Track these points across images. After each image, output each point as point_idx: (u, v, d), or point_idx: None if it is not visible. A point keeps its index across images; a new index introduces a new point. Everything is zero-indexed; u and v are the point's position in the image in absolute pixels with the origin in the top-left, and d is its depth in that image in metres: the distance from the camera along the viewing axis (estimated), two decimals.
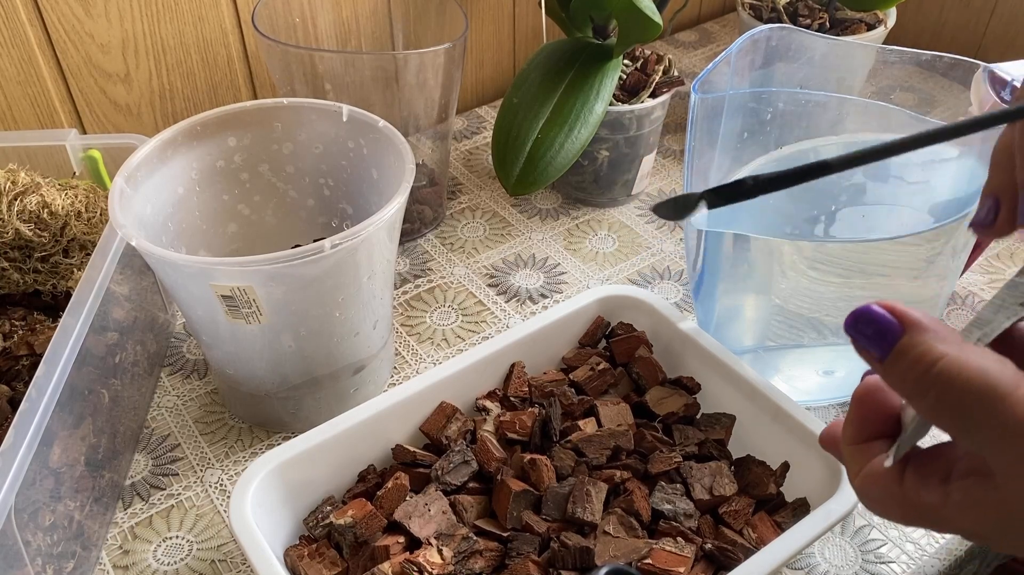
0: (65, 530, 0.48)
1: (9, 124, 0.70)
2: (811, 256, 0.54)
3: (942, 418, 0.26)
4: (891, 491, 0.29)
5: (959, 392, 0.25)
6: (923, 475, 0.29)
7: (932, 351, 0.26)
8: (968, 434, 0.26)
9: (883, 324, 0.27)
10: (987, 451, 0.26)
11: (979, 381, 0.25)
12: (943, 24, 1.02)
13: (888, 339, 0.27)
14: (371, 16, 0.79)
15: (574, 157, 0.70)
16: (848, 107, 0.55)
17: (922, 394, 0.26)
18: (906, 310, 0.27)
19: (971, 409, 0.25)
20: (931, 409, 0.26)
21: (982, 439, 0.26)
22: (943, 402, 0.26)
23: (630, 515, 0.47)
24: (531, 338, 0.56)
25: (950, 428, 0.26)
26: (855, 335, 0.28)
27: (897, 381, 0.27)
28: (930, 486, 0.28)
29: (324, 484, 0.51)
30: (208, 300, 0.50)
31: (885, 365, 0.27)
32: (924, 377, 0.26)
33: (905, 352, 0.26)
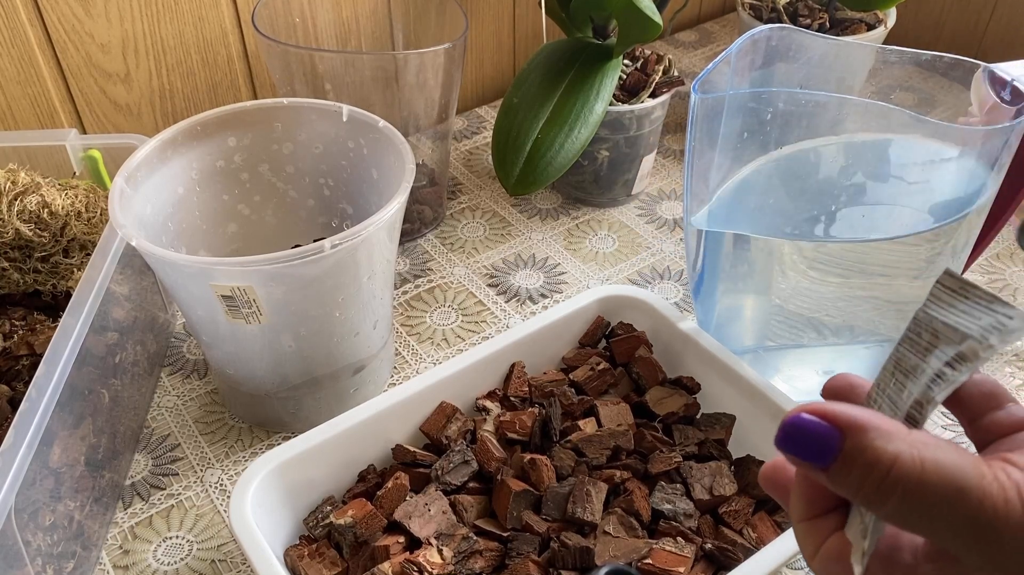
0: (65, 530, 0.48)
1: (9, 124, 0.70)
2: (811, 256, 0.54)
3: (905, 522, 0.24)
4: None
5: (920, 494, 0.23)
6: (888, 560, 0.27)
7: (883, 455, 0.24)
8: (936, 534, 0.24)
9: (818, 434, 0.24)
10: (957, 548, 0.24)
11: (940, 479, 0.23)
12: (943, 24, 1.02)
13: (829, 449, 0.24)
14: (371, 16, 0.79)
15: (574, 157, 0.70)
16: (848, 107, 0.55)
17: (882, 502, 0.24)
18: (837, 411, 0.24)
19: (936, 509, 0.23)
20: (894, 514, 0.24)
21: (951, 537, 0.24)
22: (905, 506, 0.24)
23: (630, 515, 0.47)
24: (531, 338, 0.56)
25: (916, 529, 0.24)
26: (789, 450, 0.25)
27: (850, 491, 0.24)
28: (895, 571, 0.27)
29: (324, 484, 0.51)
30: (208, 300, 0.50)
31: (831, 475, 0.24)
32: (881, 485, 0.24)
33: (853, 460, 0.24)
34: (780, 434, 0.25)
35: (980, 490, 0.23)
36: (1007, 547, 0.23)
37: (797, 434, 0.25)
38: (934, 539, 0.25)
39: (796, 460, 0.25)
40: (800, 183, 0.60)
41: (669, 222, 0.79)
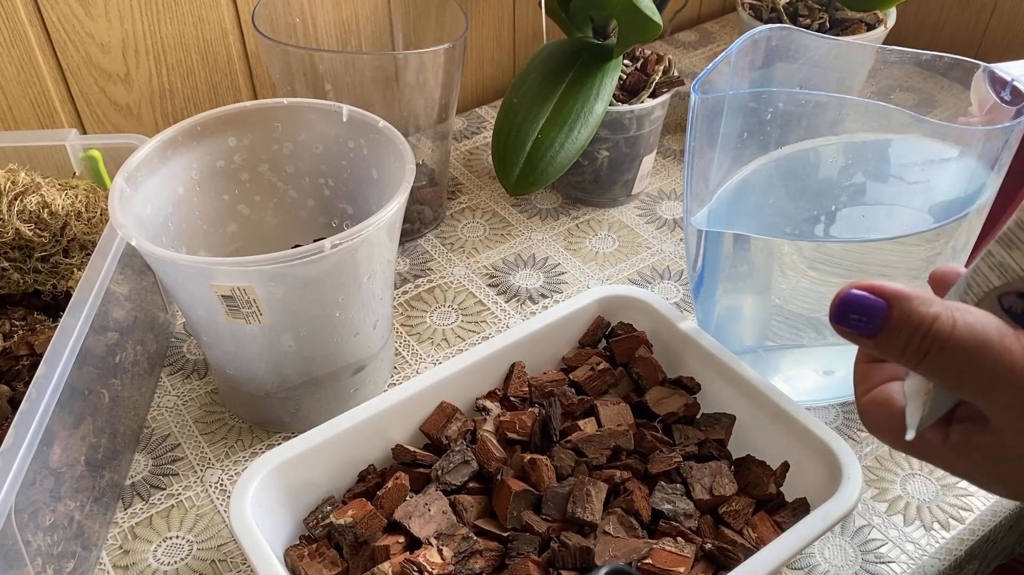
0: (65, 530, 0.48)
1: (9, 124, 0.70)
2: (811, 256, 0.54)
3: (940, 376, 0.28)
4: (892, 422, 0.31)
5: (951, 349, 0.27)
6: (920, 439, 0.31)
7: (924, 317, 0.27)
8: (962, 387, 0.28)
9: (868, 305, 0.28)
10: (980, 400, 0.28)
11: (969, 336, 0.27)
12: (943, 24, 1.02)
13: (877, 318, 0.28)
14: (371, 16, 0.79)
15: (574, 157, 0.70)
16: (848, 107, 0.55)
17: (920, 358, 0.27)
18: (884, 285, 0.28)
19: (963, 363, 0.27)
20: (930, 369, 0.28)
21: (975, 389, 0.28)
22: (939, 361, 0.27)
23: (630, 515, 0.47)
24: (531, 338, 0.56)
25: (947, 383, 0.28)
26: (843, 323, 0.28)
27: (895, 353, 0.28)
28: (935, 428, 0.30)
29: (324, 484, 0.51)
30: (208, 300, 0.50)
31: (879, 341, 0.28)
32: (922, 344, 0.27)
33: (898, 326, 0.28)
34: (834, 310, 0.28)
35: (1001, 346, 0.27)
36: (1019, 393, 0.27)
37: (849, 307, 0.28)
38: (962, 393, 0.28)
39: (848, 333, 0.28)
40: (800, 183, 0.60)
41: (669, 222, 0.79)
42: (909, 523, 0.55)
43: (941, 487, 0.57)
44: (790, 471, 0.51)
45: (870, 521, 0.55)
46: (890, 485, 0.57)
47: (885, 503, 0.56)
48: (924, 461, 0.33)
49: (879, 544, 0.53)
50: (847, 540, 0.54)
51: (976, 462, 0.30)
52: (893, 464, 0.58)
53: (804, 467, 0.50)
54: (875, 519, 0.55)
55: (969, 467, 0.30)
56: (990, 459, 0.29)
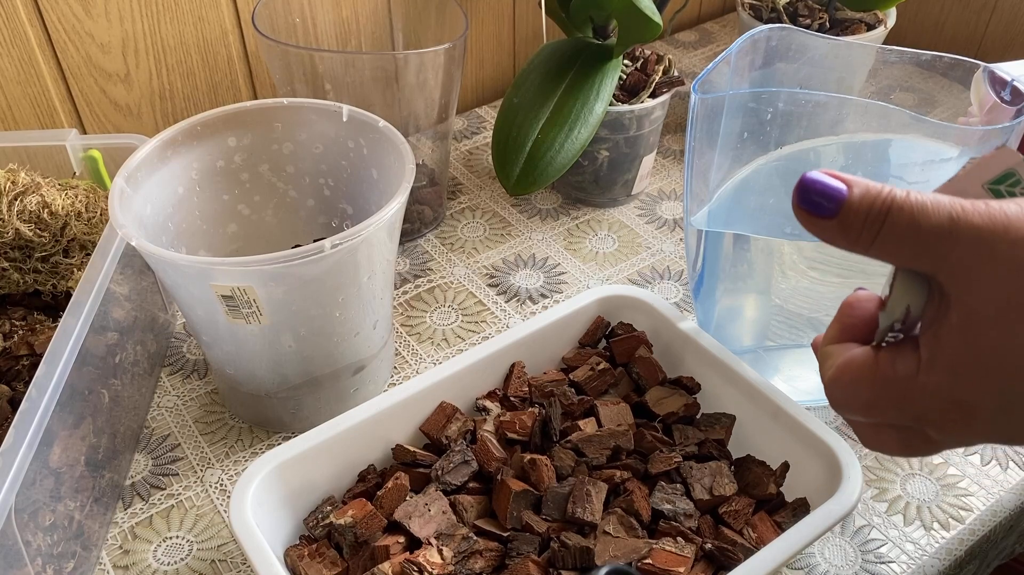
0: (65, 530, 0.48)
1: (9, 124, 0.70)
2: (811, 256, 0.54)
3: (896, 242, 0.28)
4: (864, 372, 0.31)
5: (908, 208, 0.27)
6: (897, 349, 0.30)
7: (880, 194, 0.28)
8: (918, 250, 0.28)
9: (828, 187, 0.29)
10: (936, 264, 0.28)
11: (922, 196, 0.28)
12: (943, 24, 1.02)
13: (837, 198, 0.29)
14: (371, 16, 0.79)
15: (574, 157, 0.70)
16: (848, 107, 0.55)
17: (878, 227, 0.28)
18: (841, 173, 0.29)
19: (919, 219, 0.27)
20: (887, 236, 0.28)
21: (931, 250, 0.28)
22: (896, 223, 0.28)
23: (630, 515, 0.47)
24: (531, 338, 0.56)
25: (903, 252, 0.28)
26: (805, 205, 0.29)
27: (855, 229, 0.29)
28: (904, 354, 0.30)
29: (324, 484, 0.51)
30: (208, 300, 0.50)
31: (840, 220, 0.29)
32: (880, 209, 0.28)
33: (857, 203, 0.28)
34: (796, 193, 0.29)
35: (952, 201, 0.27)
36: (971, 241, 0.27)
37: (811, 190, 0.29)
38: (916, 258, 0.28)
39: (808, 215, 0.29)
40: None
41: (669, 222, 0.79)
42: (909, 523, 0.55)
43: (941, 487, 0.57)
44: (790, 471, 0.51)
45: (870, 521, 0.55)
46: (890, 485, 0.57)
47: (885, 503, 0.56)
48: (897, 413, 0.30)
49: (879, 544, 0.53)
50: (847, 540, 0.54)
51: (952, 360, 0.28)
52: (893, 464, 0.58)
53: (804, 467, 0.50)
54: (875, 519, 0.55)
55: (947, 377, 0.28)
56: (963, 345, 0.28)
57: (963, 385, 0.28)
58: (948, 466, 0.58)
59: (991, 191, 0.29)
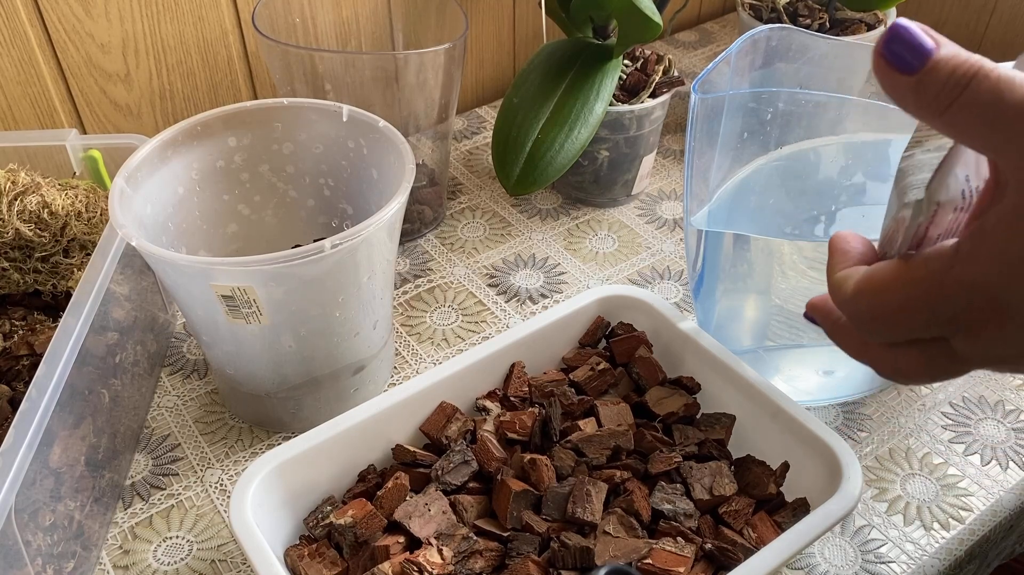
0: (65, 530, 0.48)
1: (9, 124, 0.70)
2: (811, 256, 0.54)
3: (976, 111, 0.26)
4: (892, 276, 0.29)
5: (996, 77, 0.25)
6: (927, 251, 0.29)
7: (968, 60, 0.26)
8: (997, 124, 0.26)
9: (918, 40, 0.27)
10: (1007, 150, 0.26)
11: (1016, 79, 0.25)
12: (943, 24, 1.02)
13: (924, 52, 0.27)
14: (371, 16, 0.79)
15: (574, 157, 0.70)
16: (848, 107, 0.55)
17: (953, 99, 0.26)
18: (936, 34, 0.27)
19: (1004, 89, 0.25)
20: (968, 101, 0.26)
21: (1005, 136, 0.26)
22: (981, 89, 0.26)
23: (630, 515, 0.47)
24: (531, 338, 0.56)
25: (981, 132, 0.26)
26: (888, 55, 0.27)
27: (930, 95, 0.27)
28: (937, 254, 0.28)
29: (324, 484, 0.51)
30: (208, 300, 0.50)
31: (919, 78, 0.27)
32: (965, 73, 0.26)
33: (943, 63, 0.26)
34: (881, 41, 0.27)
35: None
36: None
37: (898, 38, 0.27)
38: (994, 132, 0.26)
39: (887, 67, 0.27)
40: (800, 183, 0.60)
41: (669, 222, 0.79)
42: (909, 523, 0.55)
43: (941, 487, 0.57)
44: (790, 471, 0.51)
45: (870, 521, 0.55)
46: (890, 485, 0.57)
47: (885, 503, 0.56)
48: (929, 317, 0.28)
49: (879, 544, 0.53)
50: (847, 540, 0.54)
51: (999, 250, 0.26)
52: (893, 464, 0.58)
53: (804, 467, 0.50)
54: (875, 519, 0.55)
55: (989, 266, 0.27)
56: (1015, 233, 0.26)
57: (1005, 281, 0.27)
58: (948, 466, 0.58)
59: None
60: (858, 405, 0.62)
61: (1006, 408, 0.62)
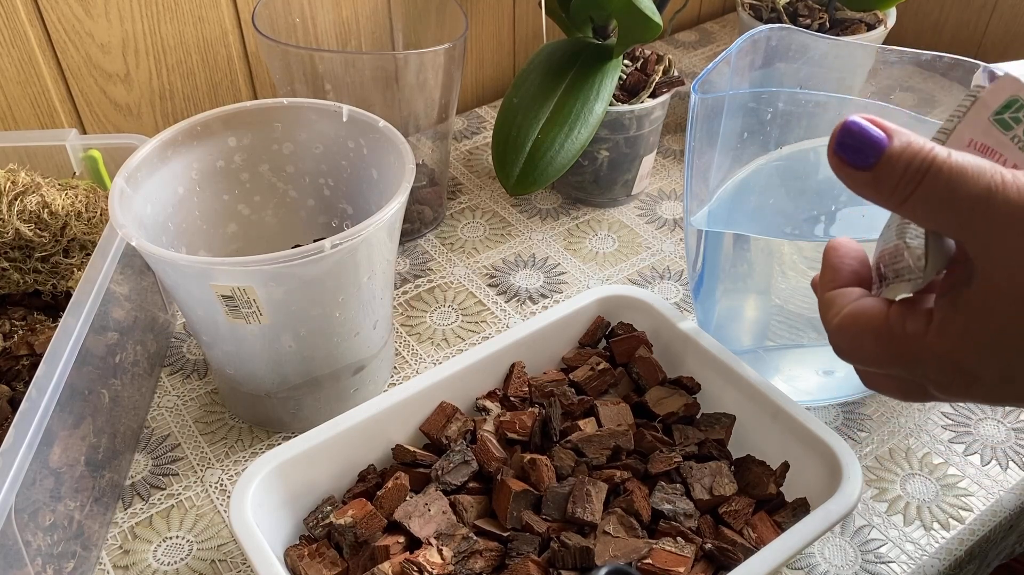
0: (65, 530, 0.48)
1: (9, 124, 0.70)
2: (811, 256, 0.54)
3: (931, 202, 0.27)
4: (872, 325, 0.30)
5: (948, 170, 0.26)
6: (910, 306, 0.30)
7: (921, 151, 0.27)
8: (952, 213, 0.27)
9: (868, 136, 0.28)
10: (967, 239, 0.27)
11: (963, 159, 0.26)
12: (943, 24, 1.02)
13: (876, 148, 0.27)
14: (371, 16, 0.79)
15: (574, 157, 0.70)
16: (848, 107, 0.55)
17: (915, 186, 0.27)
18: (884, 121, 0.28)
19: (957, 183, 0.26)
20: (923, 196, 0.27)
21: (964, 216, 0.27)
22: (934, 184, 0.27)
23: (630, 515, 0.47)
24: (531, 338, 0.56)
25: (938, 214, 0.27)
26: (841, 151, 0.28)
27: (887, 189, 0.27)
28: (915, 313, 0.29)
29: (324, 484, 0.51)
30: (208, 300, 0.50)
31: (874, 173, 0.27)
32: (920, 167, 0.27)
33: (896, 156, 0.27)
34: (835, 138, 0.28)
35: (993, 169, 0.26)
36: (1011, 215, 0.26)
37: (850, 135, 0.28)
38: (950, 220, 0.27)
39: (842, 163, 0.28)
40: (800, 183, 0.60)
41: (669, 222, 0.79)
42: (909, 523, 0.55)
43: (941, 487, 0.57)
44: (790, 471, 0.51)
45: (870, 521, 0.55)
46: (890, 485, 0.57)
47: (885, 503, 0.56)
48: (902, 370, 0.30)
49: (879, 544, 0.53)
50: (847, 540, 0.54)
51: (965, 329, 0.28)
52: (893, 464, 0.58)
53: (804, 467, 0.50)
54: (875, 519, 0.55)
55: (956, 343, 0.28)
56: (980, 317, 0.27)
57: (971, 355, 0.28)
58: (948, 466, 0.58)
59: (997, 123, 0.29)
60: (858, 405, 0.62)
61: (1006, 408, 0.62)
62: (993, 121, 0.29)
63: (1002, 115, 0.29)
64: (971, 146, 0.29)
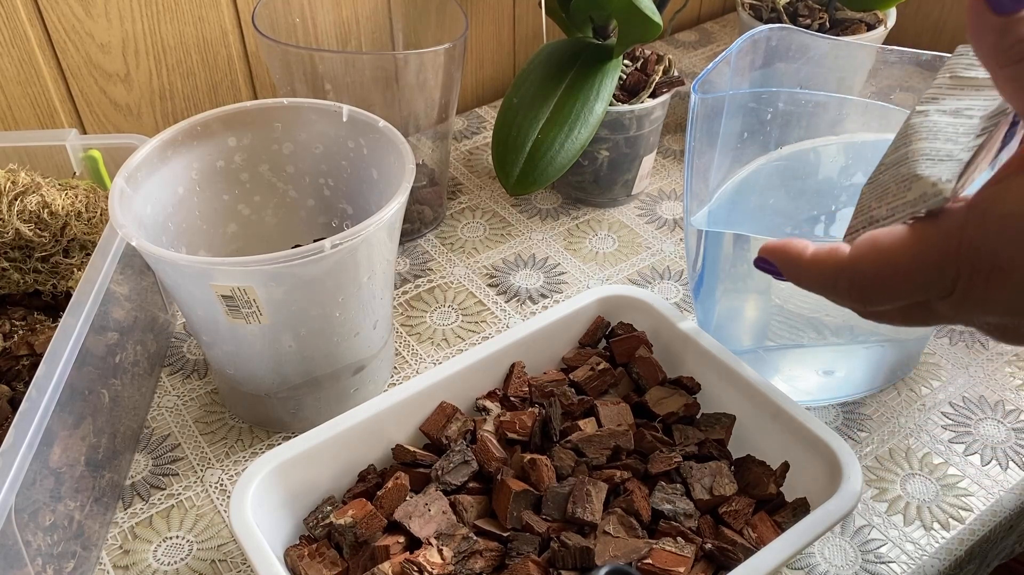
0: (65, 530, 0.48)
1: (9, 124, 0.70)
2: None
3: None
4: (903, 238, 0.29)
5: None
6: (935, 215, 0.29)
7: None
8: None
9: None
10: None
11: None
12: (943, 24, 1.02)
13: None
14: (371, 16, 0.79)
15: (574, 157, 0.70)
16: (848, 107, 0.55)
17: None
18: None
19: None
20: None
21: None
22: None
23: (630, 515, 0.47)
24: (531, 338, 0.56)
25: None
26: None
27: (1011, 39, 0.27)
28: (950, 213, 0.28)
29: (324, 484, 0.51)
30: (208, 300, 0.50)
31: (1010, 20, 0.27)
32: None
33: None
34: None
35: None
36: None
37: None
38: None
39: (983, 2, 0.27)
40: (800, 183, 0.60)
41: (669, 222, 0.79)
42: (909, 523, 0.55)
43: (941, 487, 0.57)
44: (790, 471, 0.51)
45: (870, 521, 0.55)
46: (890, 485, 0.57)
47: (885, 503, 0.56)
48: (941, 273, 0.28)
49: (879, 544, 0.53)
50: (847, 540, 0.54)
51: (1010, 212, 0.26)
52: (893, 464, 0.58)
53: (804, 467, 0.50)
54: (875, 519, 0.55)
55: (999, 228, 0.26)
56: None
57: (1014, 246, 0.26)
58: (948, 466, 0.58)
59: None
60: (858, 405, 0.62)
61: (1006, 408, 0.62)
62: None
63: None
64: None
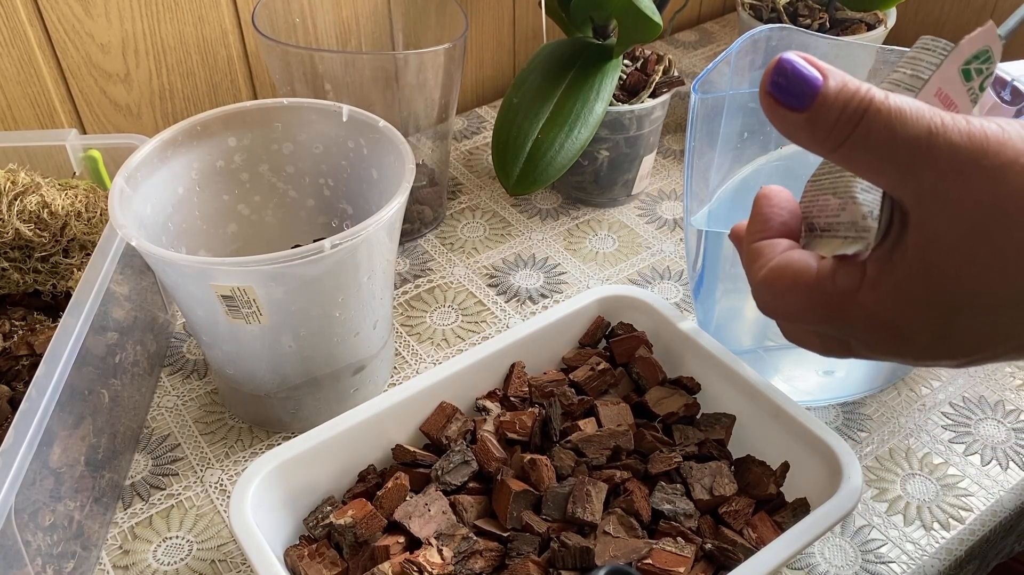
0: (65, 530, 0.48)
1: (9, 124, 0.70)
2: None
3: (869, 148, 0.25)
4: (800, 280, 0.29)
5: (887, 112, 0.25)
6: (843, 263, 0.28)
7: (858, 92, 0.25)
8: (892, 159, 0.25)
9: (803, 74, 0.26)
10: (905, 185, 0.25)
11: (902, 102, 0.25)
12: (943, 24, 1.02)
13: (811, 88, 0.26)
14: (371, 16, 0.79)
15: (574, 157, 0.70)
16: None
17: (852, 127, 0.25)
18: (820, 62, 0.26)
19: (896, 126, 0.25)
20: (861, 140, 0.25)
21: (901, 172, 0.25)
22: (873, 126, 0.25)
23: (630, 515, 0.47)
24: (531, 338, 0.56)
25: (875, 159, 0.26)
26: (774, 91, 0.26)
27: (822, 132, 0.26)
28: (846, 268, 0.28)
29: (324, 484, 0.51)
30: (208, 300, 0.50)
31: (809, 115, 0.26)
32: (857, 108, 0.25)
33: (833, 98, 0.25)
34: (767, 77, 0.26)
35: (932, 112, 0.25)
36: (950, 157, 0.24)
37: (784, 74, 0.26)
38: (887, 167, 0.25)
39: (775, 104, 0.26)
40: (800, 183, 0.60)
41: (669, 222, 0.79)
42: (909, 523, 0.55)
43: (941, 487, 0.57)
44: (790, 471, 0.51)
45: (870, 521, 0.55)
46: (890, 485, 0.57)
47: (885, 503, 0.56)
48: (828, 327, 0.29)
49: (879, 544, 0.53)
50: (847, 540, 0.54)
51: (899, 286, 0.26)
52: (893, 464, 0.58)
53: (804, 467, 0.50)
54: (875, 519, 0.55)
55: (890, 301, 0.26)
56: (916, 273, 0.26)
57: (905, 313, 0.26)
58: (948, 466, 0.58)
59: (962, 73, 0.28)
60: (858, 405, 0.62)
61: (1006, 408, 0.62)
62: (960, 71, 0.28)
63: (968, 65, 0.28)
64: (937, 95, 0.28)
